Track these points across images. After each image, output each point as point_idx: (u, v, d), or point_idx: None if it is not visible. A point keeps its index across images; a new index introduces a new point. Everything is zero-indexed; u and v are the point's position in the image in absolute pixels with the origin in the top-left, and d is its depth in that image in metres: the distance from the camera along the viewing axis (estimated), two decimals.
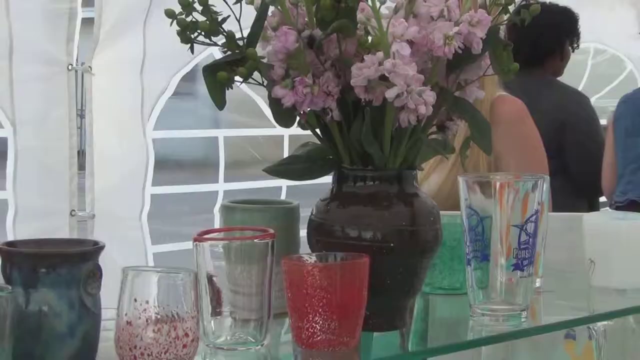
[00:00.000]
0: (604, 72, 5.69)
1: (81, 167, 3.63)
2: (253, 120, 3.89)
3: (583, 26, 5.57)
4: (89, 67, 3.65)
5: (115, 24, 3.53)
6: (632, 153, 3.99)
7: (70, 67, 3.63)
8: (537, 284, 1.47)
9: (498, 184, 1.32)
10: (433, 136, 1.35)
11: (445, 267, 1.47)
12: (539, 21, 1.73)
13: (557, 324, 1.44)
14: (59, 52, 3.63)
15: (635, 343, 1.60)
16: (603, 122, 5.32)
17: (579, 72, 5.58)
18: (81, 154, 3.65)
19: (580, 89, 5.68)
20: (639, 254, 1.55)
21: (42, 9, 3.59)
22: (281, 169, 1.48)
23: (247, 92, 3.43)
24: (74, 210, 3.56)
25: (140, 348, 1.10)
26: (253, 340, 1.21)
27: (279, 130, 3.18)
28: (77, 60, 3.67)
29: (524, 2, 1.32)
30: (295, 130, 1.38)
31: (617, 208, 3.56)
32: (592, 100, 5.67)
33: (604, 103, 5.62)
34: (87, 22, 3.71)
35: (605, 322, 1.55)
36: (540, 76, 4.13)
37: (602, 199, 4.24)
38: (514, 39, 3.27)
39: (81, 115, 3.73)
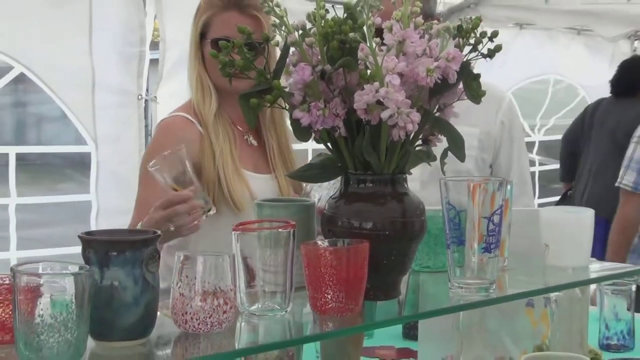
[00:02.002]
0: (562, 98, 5.65)
1: None
2: None
3: (545, 62, 5.56)
4: (155, 97, 3.66)
5: (175, 63, 3.54)
6: None
7: (139, 97, 3.65)
8: (504, 263, 1.46)
9: (472, 185, 1.30)
10: (419, 148, 1.35)
11: (430, 250, 1.47)
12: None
13: (519, 295, 1.44)
14: (131, 85, 3.64)
15: (579, 309, 1.58)
16: (556, 137, 5.36)
17: (542, 98, 5.55)
18: None
19: (542, 111, 5.68)
20: (582, 240, 1.55)
21: (119, 51, 3.60)
22: (301, 174, 1.49)
23: None
24: None
25: (190, 314, 1.11)
26: (279, 308, 1.21)
27: (305, 145, 3.19)
28: (145, 91, 3.69)
29: (489, 42, 1.32)
30: (317, 145, 1.37)
31: None
32: (552, 120, 5.68)
33: (561, 122, 5.62)
34: (154, 62, 3.72)
35: (557, 293, 1.55)
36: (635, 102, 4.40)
37: None
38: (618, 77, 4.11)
39: (148, 133, 3.75)
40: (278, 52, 1.33)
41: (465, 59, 1.28)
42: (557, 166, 5.70)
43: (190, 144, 2.03)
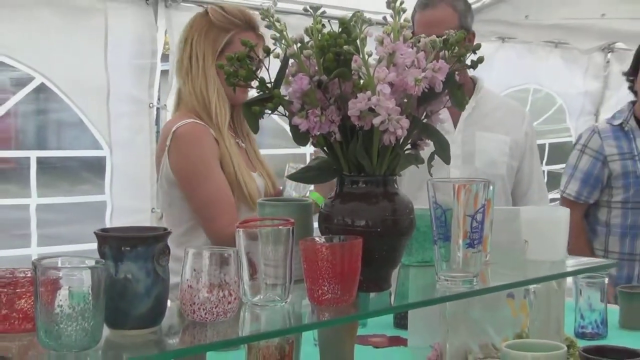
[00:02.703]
0: (541, 105, 5.65)
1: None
2: (287, 142, 3.89)
3: (525, 72, 5.56)
4: (165, 105, 3.65)
5: None
6: None
7: (150, 105, 3.65)
8: (486, 258, 1.47)
9: (456, 186, 1.30)
10: (408, 151, 1.35)
11: (419, 246, 1.48)
12: None
13: (500, 287, 1.44)
14: (143, 94, 3.64)
15: (556, 300, 1.59)
16: (541, 141, 5.29)
17: (523, 106, 5.55)
18: None
19: None
20: (559, 237, 1.56)
21: (132, 63, 3.60)
22: (300, 176, 1.50)
23: (280, 122, 3.44)
24: (153, 208, 3.57)
25: (197, 304, 1.11)
26: (279, 299, 1.21)
27: (303, 149, 3.19)
28: (156, 100, 3.69)
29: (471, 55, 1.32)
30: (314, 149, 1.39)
31: None
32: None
33: (541, 127, 5.62)
34: (164, 73, 3.72)
35: (535, 285, 1.55)
36: None
37: None
38: None
39: (158, 140, 3.75)
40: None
41: (450, 70, 1.28)
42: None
43: (214, 144, 2.13)
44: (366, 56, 1.23)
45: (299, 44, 1.28)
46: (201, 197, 2.13)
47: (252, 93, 1.36)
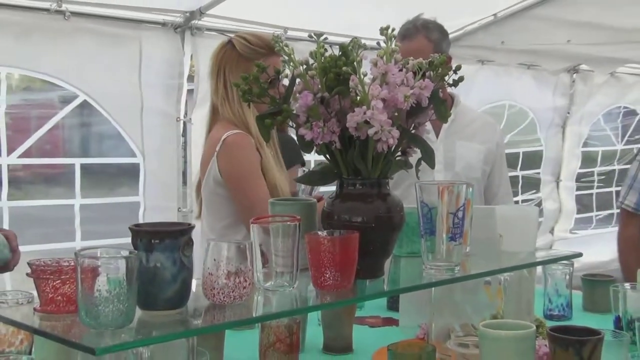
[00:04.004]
0: (515, 119, 5.65)
1: (184, 181, 3.65)
2: None
3: (501, 90, 5.57)
4: (190, 119, 3.67)
5: (206, 92, 3.54)
6: None
7: (178, 119, 3.66)
8: (466, 250, 1.46)
9: (441, 187, 1.30)
10: (398, 158, 1.35)
11: (408, 239, 1.47)
12: None
13: (479, 274, 1.44)
14: (171, 110, 3.65)
15: (527, 286, 1.59)
16: (515, 150, 5.27)
17: (499, 119, 5.54)
18: (184, 173, 3.68)
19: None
20: (529, 231, 1.56)
21: (162, 83, 3.61)
22: (307, 179, 1.50)
23: (290, 133, 3.45)
24: (180, 208, 3.58)
25: (216, 289, 1.12)
26: (287, 285, 1.21)
27: (309, 156, 3.20)
28: (183, 115, 3.70)
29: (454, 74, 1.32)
30: (318, 156, 1.38)
31: None
32: (508, 137, 5.69)
33: (515, 138, 5.64)
34: (189, 91, 3.73)
35: (509, 273, 1.55)
36: None
37: None
38: None
39: (185, 148, 3.76)
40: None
41: (435, 87, 1.28)
42: (513, 173, 5.71)
43: (256, 153, 2.17)
44: (362, 76, 1.24)
45: (304, 66, 1.29)
46: (248, 196, 2.15)
47: None
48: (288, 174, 2.32)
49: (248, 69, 2.18)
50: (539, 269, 1.90)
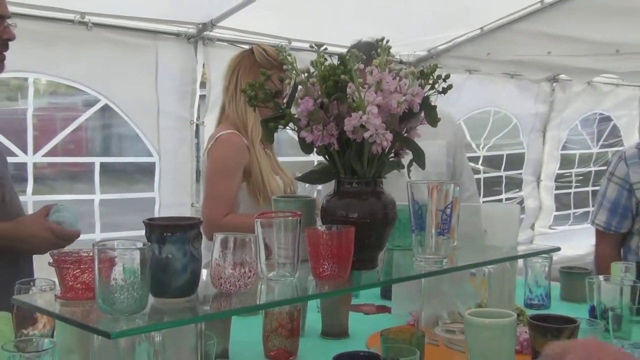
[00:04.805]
0: (500, 124, 5.66)
1: (197, 179, 3.65)
2: (297, 151, 3.89)
3: (487, 98, 5.58)
4: (202, 122, 3.67)
5: (217, 98, 3.55)
6: None
7: (191, 122, 3.66)
8: (454, 244, 1.45)
9: (430, 186, 1.30)
10: (392, 159, 1.34)
11: (400, 234, 1.44)
12: None
13: (465, 266, 1.43)
14: (185, 113, 3.65)
15: (509, 277, 1.58)
16: (500, 152, 5.23)
17: (485, 124, 5.57)
18: (197, 171, 3.68)
19: (485, 134, 5.71)
20: (511, 227, 1.56)
21: (177, 88, 3.61)
22: (307, 177, 1.48)
23: (294, 135, 3.44)
24: (193, 204, 3.58)
25: (223, 278, 1.11)
26: (289, 275, 1.20)
27: (310, 157, 3.19)
28: (196, 118, 3.70)
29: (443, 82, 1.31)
30: (318, 157, 1.37)
31: None
32: (492, 140, 5.69)
33: (500, 141, 5.64)
34: (202, 97, 3.73)
35: (492, 266, 1.54)
36: None
37: None
38: None
39: (197, 149, 3.76)
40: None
41: (425, 94, 1.27)
42: (497, 173, 5.72)
43: (245, 152, 2.19)
44: (358, 83, 1.23)
45: (306, 74, 1.28)
46: (211, 189, 2.18)
47: None
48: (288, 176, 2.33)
49: (258, 76, 2.20)
50: (520, 261, 1.89)
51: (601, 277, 1.71)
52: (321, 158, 1.35)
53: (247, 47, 2.43)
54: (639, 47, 4.51)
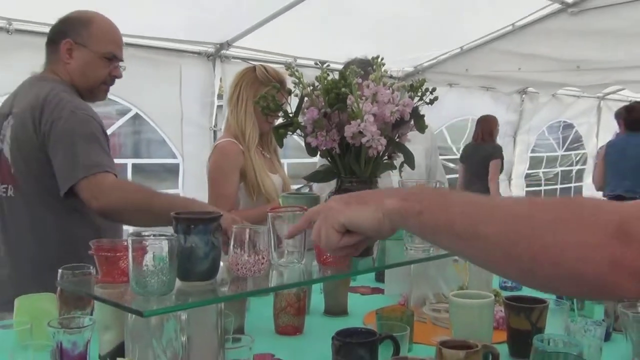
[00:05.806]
0: None
1: None
2: (304, 153, 3.88)
3: (466, 108, 5.58)
4: (220, 129, 3.66)
5: None
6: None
7: (210, 128, 3.66)
8: None
9: (418, 184, 1.30)
10: (386, 161, 1.33)
11: None
12: None
13: (448, 254, 1.36)
14: (205, 121, 3.66)
15: None
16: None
17: (464, 131, 5.56)
18: None
19: (464, 139, 5.68)
20: None
21: (198, 100, 3.62)
22: (312, 177, 1.46)
23: (299, 140, 3.44)
24: None
25: (240, 264, 1.10)
26: (297, 262, 1.18)
27: (314, 159, 3.18)
28: (214, 125, 3.69)
29: (429, 93, 1.31)
30: (322, 159, 1.37)
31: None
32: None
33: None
34: (219, 107, 3.73)
35: None
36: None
37: None
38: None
39: None
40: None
41: (415, 104, 1.27)
42: None
43: (239, 156, 2.17)
44: (357, 95, 1.23)
45: (311, 87, 1.27)
46: (213, 190, 2.23)
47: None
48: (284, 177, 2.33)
49: (258, 91, 2.21)
50: None
51: None
52: (320, 160, 1.34)
53: (259, 63, 2.42)
54: (597, 64, 4.52)
